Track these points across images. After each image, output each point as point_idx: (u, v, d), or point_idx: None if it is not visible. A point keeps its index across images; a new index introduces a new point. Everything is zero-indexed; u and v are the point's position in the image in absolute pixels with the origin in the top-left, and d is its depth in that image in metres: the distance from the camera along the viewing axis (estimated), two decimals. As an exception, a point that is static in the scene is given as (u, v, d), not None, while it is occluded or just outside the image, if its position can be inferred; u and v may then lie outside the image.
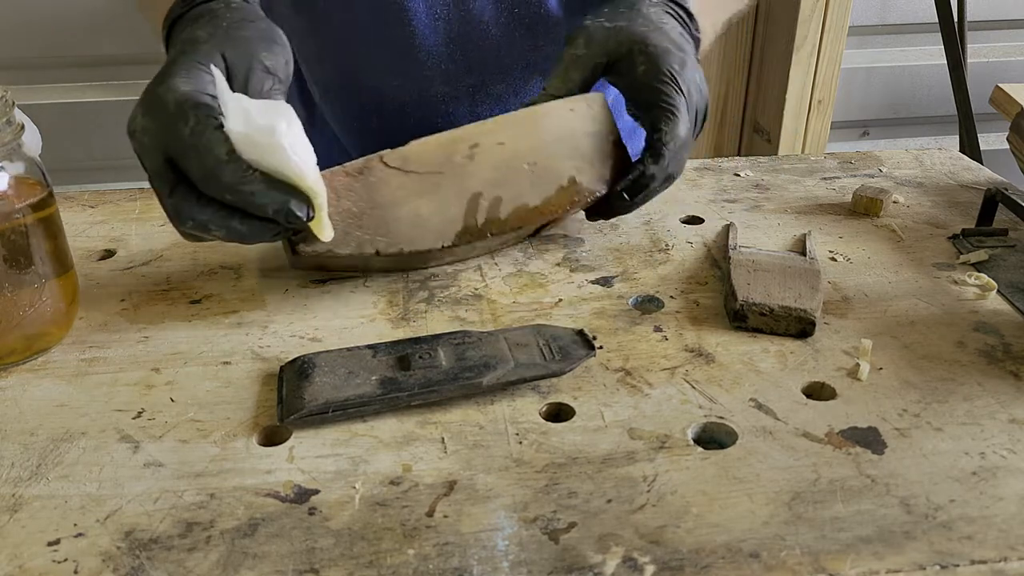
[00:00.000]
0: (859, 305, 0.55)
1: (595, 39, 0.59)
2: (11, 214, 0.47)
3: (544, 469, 0.41)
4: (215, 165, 0.47)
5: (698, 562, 0.35)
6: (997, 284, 0.56)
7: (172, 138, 0.48)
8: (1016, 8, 1.62)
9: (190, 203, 0.48)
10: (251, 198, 0.48)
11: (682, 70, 0.57)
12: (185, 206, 0.48)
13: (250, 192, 0.47)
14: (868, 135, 1.71)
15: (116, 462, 0.42)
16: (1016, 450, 0.42)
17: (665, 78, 0.57)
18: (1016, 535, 0.37)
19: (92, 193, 0.72)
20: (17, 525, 0.38)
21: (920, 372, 0.48)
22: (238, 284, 0.58)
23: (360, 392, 0.44)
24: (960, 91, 1.47)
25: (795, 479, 0.40)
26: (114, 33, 1.40)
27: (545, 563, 0.35)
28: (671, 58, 0.57)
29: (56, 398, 0.47)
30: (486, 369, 0.46)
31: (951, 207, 0.69)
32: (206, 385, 0.47)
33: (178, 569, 0.35)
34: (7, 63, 1.39)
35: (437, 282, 0.58)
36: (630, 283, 0.58)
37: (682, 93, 0.57)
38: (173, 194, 0.48)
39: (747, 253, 0.59)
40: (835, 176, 0.75)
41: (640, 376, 0.48)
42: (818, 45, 1.44)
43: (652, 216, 0.67)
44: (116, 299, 0.56)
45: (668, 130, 0.56)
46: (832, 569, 0.35)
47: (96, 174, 1.51)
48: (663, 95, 0.57)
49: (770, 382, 0.47)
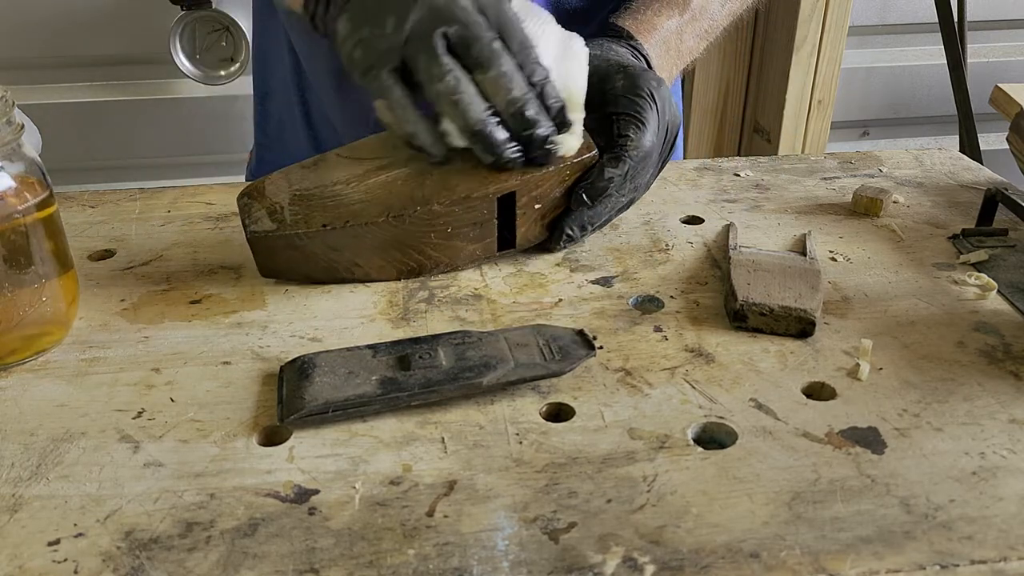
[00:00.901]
0: (859, 305, 0.55)
1: None
2: (11, 214, 0.47)
3: (544, 469, 0.41)
4: (524, 36, 0.53)
5: (698, 562, 0.35)
6: (997, 284, 0.56)
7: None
8: (1016, 8, 1.62)
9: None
10: (540, 71, 0.53)
11: (659, 87, 0.60)
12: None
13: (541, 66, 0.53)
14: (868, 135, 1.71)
15: (116, 462, 0.42)
16: (1016, 450, 0.42)
17: (642, 92, 0.59)
18: (1016, 535, 0.37)
19: (92, 193, 0.72)
20: (17, 525, 0.38)
21: (920, 372, 0.48)
22: (238, 284, 0.58)
23: (360, 392, 0.44)
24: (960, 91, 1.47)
25: (795, 479, 0.40)
26: (114, 33, 1.40)
27: (545, 563, 0.35)
28: (649, 76, 0.60)
29: (56, 398, 0.47)
30: (486, 369, 0.46)
31: (951, 207, 0.69)
32: (206, 385, 0.47)
33: (178, 569, 0.35)
34: (7, 63, 1.39)
35: (437, 282, 0.58)
36: (630, 283, 0.58)
37: (655, 108, 0.59)
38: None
39: (747, 253, 0.59)
40: (835, 176, 0.75)
41: (640, 376, 0.48)
42: (818, 45, 1.44)
43: (652, 216, 0.67)
44: (116, 299, 0.56)
45: (634, 137, 0.58)
46: (832, 569, 0.35)
47: (96, 174, 1.51)
48: (636, 106, 0.59)
49: (770, 382, 0.47)
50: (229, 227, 0.66)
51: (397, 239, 0.56)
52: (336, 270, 0.57)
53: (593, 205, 0.58)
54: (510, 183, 0.56)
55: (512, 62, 0.53)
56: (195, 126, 1.50)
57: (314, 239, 0.55)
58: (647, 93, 0.59)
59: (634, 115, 0.58)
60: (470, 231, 0.57)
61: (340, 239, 0.55)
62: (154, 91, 1.48)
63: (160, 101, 1.48)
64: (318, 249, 0.55)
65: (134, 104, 1.47)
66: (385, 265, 0.57)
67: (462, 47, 0.52)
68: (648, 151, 0.59)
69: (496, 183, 0.55)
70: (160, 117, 1.49)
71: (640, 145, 0.58)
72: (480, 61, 0.52)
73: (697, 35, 0.75)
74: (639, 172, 0.59)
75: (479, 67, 0.52)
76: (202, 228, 0.66)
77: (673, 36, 0.72)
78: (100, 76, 1.45)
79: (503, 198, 0.56)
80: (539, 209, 0.58)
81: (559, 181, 0.57)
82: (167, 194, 0.72)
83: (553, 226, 0.60)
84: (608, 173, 0.57)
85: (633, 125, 0.58)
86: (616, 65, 0.61)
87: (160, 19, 1.38)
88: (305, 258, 0.56)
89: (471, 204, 0.56)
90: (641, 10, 0.71)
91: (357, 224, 0.54)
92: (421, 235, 0.56)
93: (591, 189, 0.58)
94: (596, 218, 0.60)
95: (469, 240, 0.57)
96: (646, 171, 0.60)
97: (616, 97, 0.59)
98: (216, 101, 1.48)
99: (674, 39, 0.72)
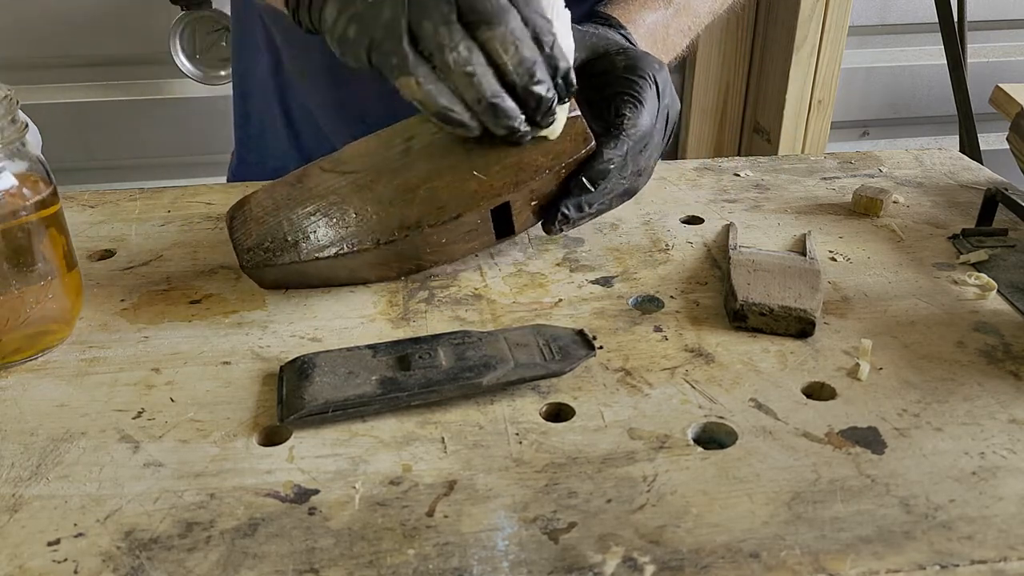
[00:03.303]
0: (859, 305, 0.55)
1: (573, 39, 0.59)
2: (16, 212, 0.47)
3: (544, 469, 0.41)
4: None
5: (698, 562, 0.35)
6: (997, 284, 0.56)
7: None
8: (1016, 8, 1.62)
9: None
10: (548, 28, 0.50)
11: (660, 70, 0.58)
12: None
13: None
14: (868, 135, 1.71)
15: (116, 462, 0.42)
16: (1016, 450, 0.42)
17: (643, 73, 0.57)
18: (1016, 535, 0.37)
19: (92, 193, 0.72)
20: (17, 525, 0.38)
21: (920, 372, 0.48)
22: (238, 284, 0.58)
23: (360, 392, 0.44)
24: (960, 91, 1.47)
25: (795, 479, 0.40)
26: (114, 33, 1.40)
27: (545, 563, 0.35)
28: (651, 59, 0.59)
29: (56, 398, 0.47)
30: (486, 369, 0.46)
31: (951, 207, 0.69)
32: (206, 385, 0.47)
33: (178, 569, 0.35)
34: (7, 63, 1.39)
35: (437, 282, 0.58)
36: (630, 283, 0.58)
37: (656, 88, 0.57)
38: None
39: (747, 253, 0.59)
40: (835, 176, 0.75)
41: (640, 376, 0.48)
42: (818, 45, 1.45)
43: (652, 216, 0.67)
44: (116, 299, 0.56)
45: (631, 116, 0.56)
46: (832, 569, 0.35)
47: (96, 174, 1.51)
48: (635, 85, 0.57)
49: (770, 382, 0.47)
50: (229, 227, 0.66)
51: (393, 256, 0.55)
52: (335, 281, 0.57)
53: (594, 190, 0.56)
54: (503, 196, 0.54)
55: (519, 18, 0.49)
56: (195, 126, 1.50)
57: (307, 264, 0.54)
58: (648, 75, 0.57)
59: (633, 94, 0.57)
60: (465, 236, 0.56)
61: (334, 264, 0.54)
62: (154, 91, 1.48)
63: (160, 101, 1.48)
64: (312, 271, 0.55)
65: (134, 104, 1.47)
66: (384, 272, 0.57)
67: (466, 3, 0.48)
68: (647, 131, 0.57)
69: (488, 198, 0.53)
70: (160, 117, 1.49)
71: (638, 123, 0.56)
72: (485, 17, 0.48)
73: (680, 31, 0.74)
74: (639, 154, 0.57)
75: (485, 23, 0.49)
76: (202, 228, 0.66)
77: (660, 28, 0.71)
78: (100, 76, 1.45)
79: (497, 208, 0.55)
80: (536, 204, 0.57)
81: (556, 177, 0.55)
82: (167, 194, 0.72)
83: (550, 208, 0.57)
84: (607, 155, 0.55)
85: (631, 104, 0.56)
86: (616, 46, 0.60)
87: (160, 19, 1.38)
88: (303, 276, 0.56)
89: (464, 220, 0.54)
90: (628, 1, 0.70)
91: (348, 253, 0.53)
92: (415, 251, 0.55)
93: (591, 172, 0.55)
94: (595, 201, 0.57)
95: (465, 242, 0.57)
96: (646, 153, 0.58)
97: (617, 77, 0.58)
98: (216, 101, 1.48)
99: (660, 32, 0.71)
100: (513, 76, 0.50)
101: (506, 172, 0.54)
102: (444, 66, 0.49)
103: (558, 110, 0.53)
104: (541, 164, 0.54)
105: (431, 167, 0.54)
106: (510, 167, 0.54)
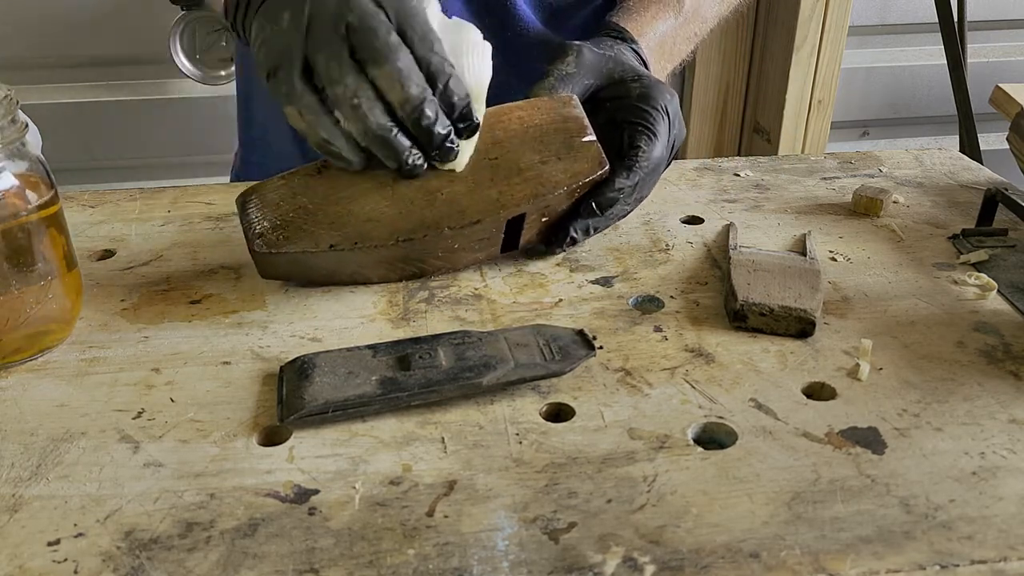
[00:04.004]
0: (859, 305, 0.55)
1: (586, 61, 0.61)
2: (17, 212, 0.48)
3: (544, 469, 0.41)
4: (427, 29, 0.51)
5: (698, 562, 0.35)
6: (997, 284, 0.56)
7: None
8: (1016, 8, 1.62)
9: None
10: (444, 66, 0.51)
11: (672, 100, 0.60)
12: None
13: (446, 64, 0.51)
14: (868, 135, 1.71)
15: (116, 462, 0.42)
16: (1016, 450, 0.42)
17: (657, 104, 0.60)
18: (1016, 535, 0.37)
19: (92, 193, 0.72)
20: (17, 525, 0.38)
21: (920, 372, 0.48)
22: (238, 284, 0.58)
23: (360, 392, 0.44)
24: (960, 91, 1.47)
25: (795, 479, 0.40)
26: (114, 33, 1.40)
27: (545, 563, 0.35)
28: (664, 88, 0.61)
29: (56, 398, 0.47)
30: (486, 369, 0.46)
31: (951, 207, 0.69)
32: (206, 385, 0.47)
33: (178, 569, 0.35)
34: (7, 63, 1.39)
35: (437, 282, 0.58)
36: (630, 283, 0.58)
37: (667, 121, 0.60)
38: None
39: (747, 253, 0.59)
40: (835, 176, 0.75)
41: (640, 376, 0.48)
42: (818, 45, 1.45)
43: (652, 216, 0.67)
44: (116, 299, 0.56)
45: (646, 148, 0.58)
46: (832, 569, 0.35)
47: (96, 174, 1.51)
48: (649, 117, 0.59)
49: (770, 382, 0.47)
50: (229, 227, 0.66)
51: (404, 255, 0.56)
52: (338, 277, 0.57)
53: (602, 215, 0.59)
54: (522, 207, 0.55)
55: (409, 57, 0.50)
56: (195, 126, 1.50)
57: (319, 256, 0.54)
58: (661, 106, 0.59)
59: (648, 127, 0.59)
60: (476, 245, 0.57)
61: (346, 257, 0.55)
62: (154, 91, 1.48)
63: (160, 101, 1.48)
64: (322, 263, 0.55)
65: (134, 104, 1.47)
66: (387, 273, 0.57)
67: (357, 40, 0.50)
68: (658, 163, 0.59)
69: (508, 207, 0.55)
70: (160, 117, 1.49)
71: (651, 157, 0.59)
72: (374, 56, 0.50)
73: (687, 38, 0.76)
74: (647, 183, 0.60)
75: (372, 61, 0.50)
76: (202, 228, 0.66)
77: (668, 39, 0.72)
78: (100, 76, 1.45)
79: (512, 219, 0.56)
80: (546, 220, 0.59)
81: (569, 196, 0.57)
82: (167, 194, 0.72)
83: (557, 228, 0.60)
84: (619, 184, 0.58)
85: (645, 136, 0.59)
86: (632, 72, 0.61)
87: (160, 19, 1.38)
88: (309, 268, 0.56)
89: (481, 227, 0.55)
90: (639, 11, 0.71)
91: (365, 246, 0.54)
92: (428, 252, 0.56)
93: (602, 199, 0.58)
94: (601, 224, 0.60)
95: (474, 251, 0.58)
96: (653, 181, 0.61)
97: (630, 106, 0.60)
98: (216, 101, 1.48)
99: (668, 42, 0.73)
100: (400, 112, 0.51)
101: (527, 185, 0.55)
102: (334, 98, 0.51)
103: (463, 144, 0.54)
104: (559, 181, 0.56)
105: (452, 172, 0.55)
106: (531, 180, 0.56)
